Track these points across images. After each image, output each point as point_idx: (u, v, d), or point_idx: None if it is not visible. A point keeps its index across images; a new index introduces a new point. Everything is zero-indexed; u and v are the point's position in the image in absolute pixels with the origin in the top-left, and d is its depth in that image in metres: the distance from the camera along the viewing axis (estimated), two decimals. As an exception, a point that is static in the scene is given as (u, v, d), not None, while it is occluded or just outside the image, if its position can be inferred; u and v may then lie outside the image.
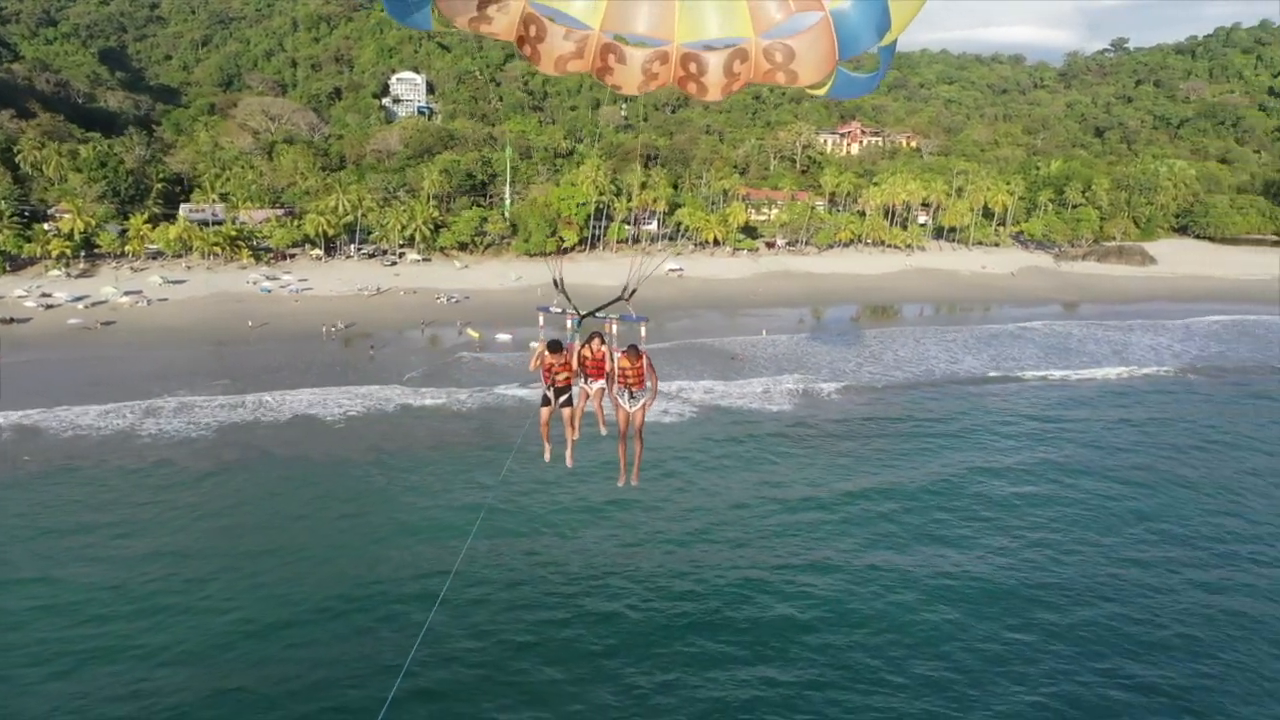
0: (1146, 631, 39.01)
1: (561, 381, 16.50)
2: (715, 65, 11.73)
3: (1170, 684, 35.35)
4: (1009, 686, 34.87)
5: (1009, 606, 40.77)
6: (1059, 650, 37.29)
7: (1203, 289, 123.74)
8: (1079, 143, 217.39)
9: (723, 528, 48.08)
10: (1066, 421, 68.40)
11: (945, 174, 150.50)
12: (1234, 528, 50.32)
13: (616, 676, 34.71)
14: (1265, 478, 58.22)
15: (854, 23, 11.48)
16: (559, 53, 11.89)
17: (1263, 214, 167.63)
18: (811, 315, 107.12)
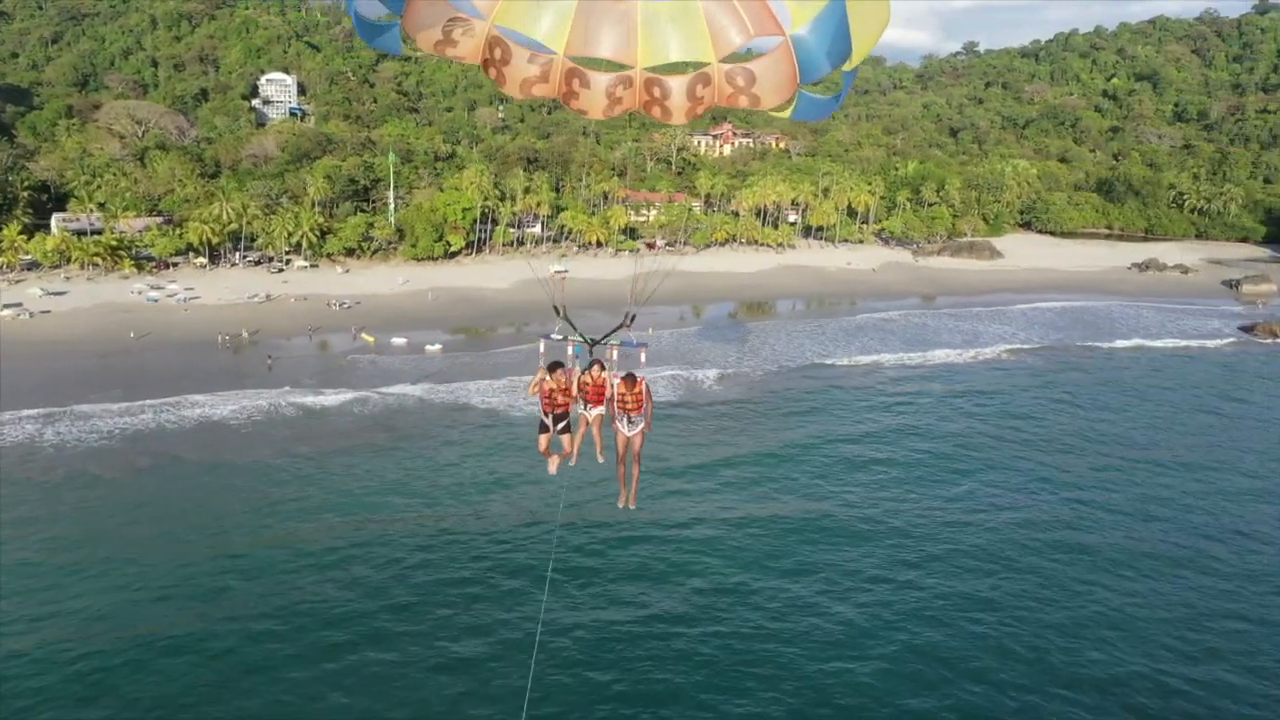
0: (953, 552, 47.75)
1: (560, 407, 16.97)
2: (678, 89, 12.02)
3: (975, 592, 43.38)
4: (834, 603, 42.17)
5: (856, 539, 49.20)
6: (889, 568, 45.04)
7: (1043, 280, 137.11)
8: (935, 142, 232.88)
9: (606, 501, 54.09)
10: (916, 397, 78.02)
11: (812, 174, 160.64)
12: (1045, 474, 60.26)
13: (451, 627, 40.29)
14: (1076, 436, 68.84)
15: (813, 48, 11.73)
16: (524, 76, 12.14)
17: (1096, 209, 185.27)
18: (692, 312, 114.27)
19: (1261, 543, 52.05)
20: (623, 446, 17.38)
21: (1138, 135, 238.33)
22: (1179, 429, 73.68)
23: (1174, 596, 45.32)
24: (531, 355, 15.90)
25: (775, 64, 11.81)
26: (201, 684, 36.02)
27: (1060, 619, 42.67)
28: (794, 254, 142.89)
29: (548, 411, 17.06)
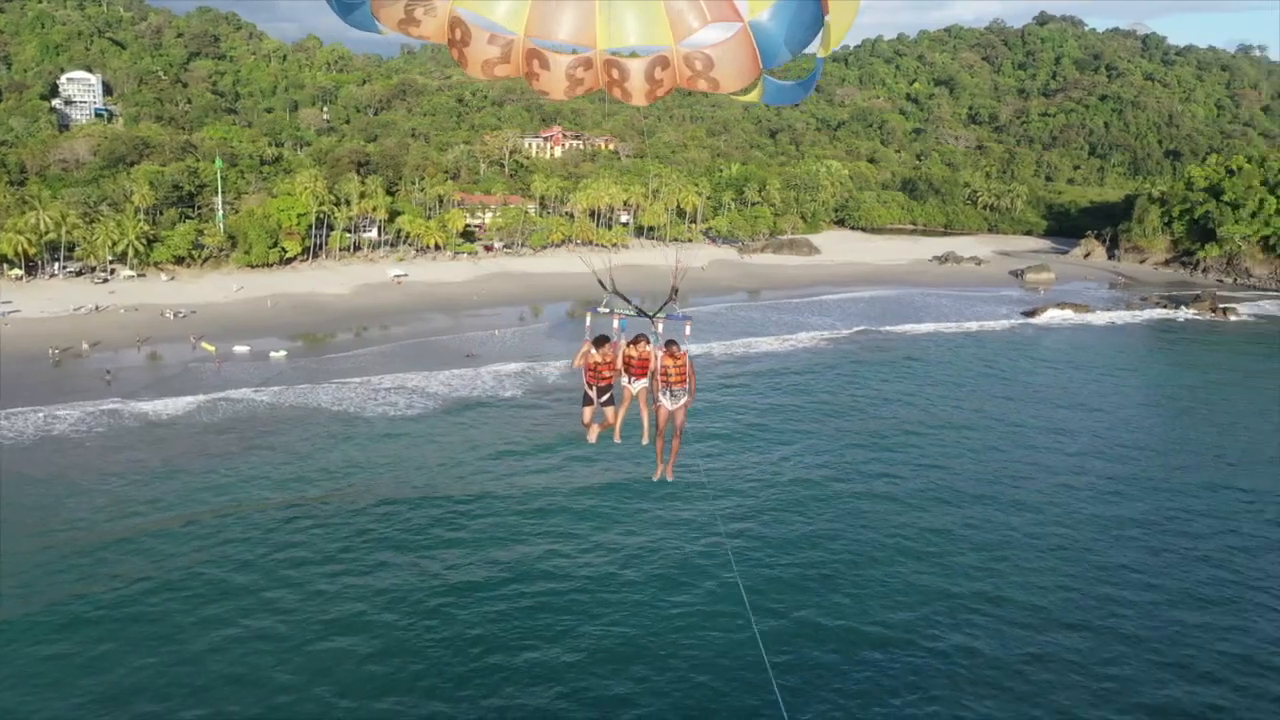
0: (764, 503, 55.29)
1: (604, 380, 17.40)
2: (637, 72, 12.20)
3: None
4: (657, 553, 48.85)
5: (683, 499, 55.84)
6: (708, 521, 52.07)
7: (856, 273, 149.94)
8: (755, 144, 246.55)
9: (468, 480, 59.12)
10: (742, 379, 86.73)
11: (642, 176, 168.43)
12: (854, 439, 69.39)
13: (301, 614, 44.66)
14: (879, 406, 78.66)
15: (773, 34, 11.83)
16: (484, 57, 12.21)
17: (902, 207, 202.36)
18: (531, 312, 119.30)
19: (1012, 479, 62.58)
20: (664, 420, 17.74)
21: (938, 137, 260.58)
22: (963, 397, 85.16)
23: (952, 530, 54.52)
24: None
25: (734, 49, 11.94)
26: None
27: (853, 545, 50.82)
28: (628, 254, 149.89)
29: (591, 384, 17.53)
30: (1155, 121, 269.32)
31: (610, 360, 17.30)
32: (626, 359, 17.34)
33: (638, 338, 17.42)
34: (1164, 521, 58.25)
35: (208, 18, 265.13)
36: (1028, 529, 56.03)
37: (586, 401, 17.60)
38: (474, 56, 12.29)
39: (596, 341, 17.27)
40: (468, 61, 12.39)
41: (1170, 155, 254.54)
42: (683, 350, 17.30)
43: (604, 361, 17.29)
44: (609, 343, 17.36)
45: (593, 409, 17.55)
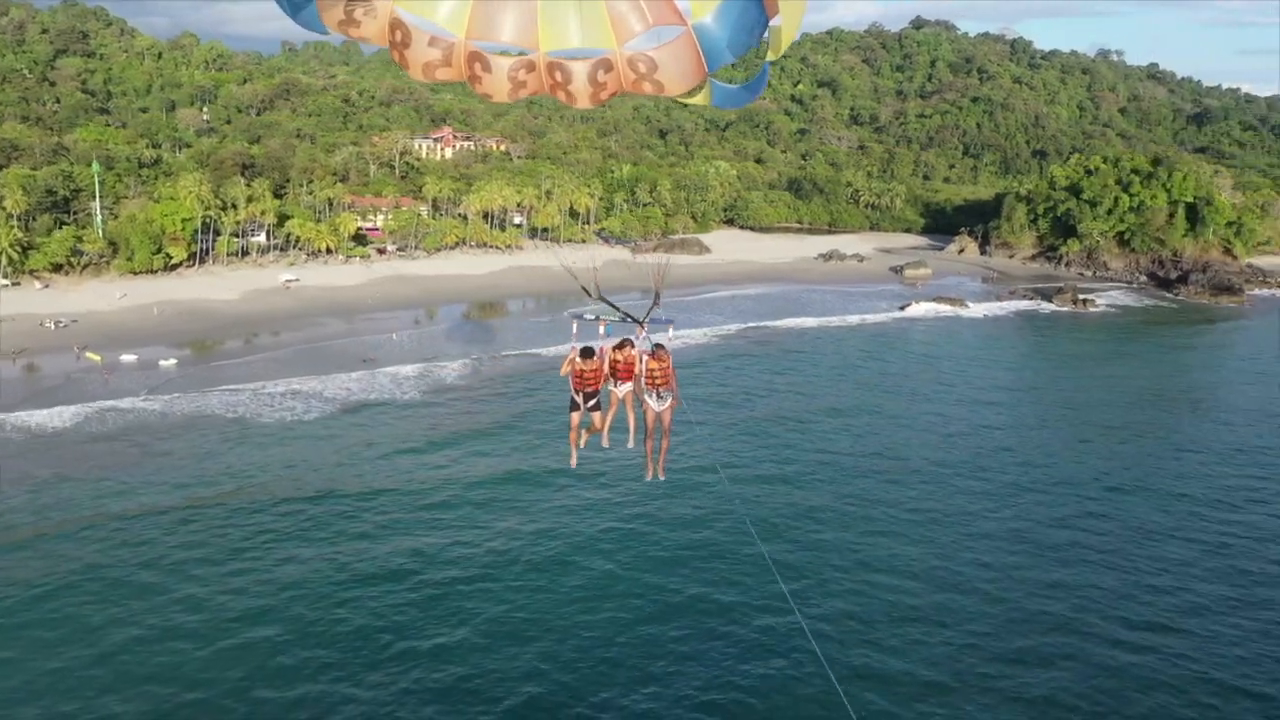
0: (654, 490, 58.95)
1: (591, 385, 17.81)
2: (580, 74, 12.18)
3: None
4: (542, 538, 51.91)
5: (566, 484, 58.77)
6: (601, 508, 55.38)
7: (745, 271, 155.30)
8: (645, 144, 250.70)
9: (368, 478, 60.94)
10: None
11: (534, 177, 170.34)
12: (745, 425, 73.40)
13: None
14: (767, 396, 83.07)
15: (716, 37, 11.88)
16: (425, 59, 12.14)
17: (788, 206, 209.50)
18: (426, 315, 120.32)
19: (891, 458, 67.81)
20: (652, 421, 18.17)
21: (821, 137, 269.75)
22: (846, 387, 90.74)
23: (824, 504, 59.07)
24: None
25: (677, 52, 11.99)
26: None
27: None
28: (522, 255, 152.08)
29: (578, 390, 17.97)
30: (1023, 122, 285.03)
31: (597, 367, 17.71)
32: (613, 363, 17.77)
33: (623, 342, 17.88)
34: (1023, 492, 64.25)
35: (74, 12, 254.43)
36: (905, 503, 61.18)
37: (574, 407, 18.10)
38: (415, 59, 12.23)
39: (583, 351, 17.72)
40: (409, 64, 12.33)
41: (1037, 155, 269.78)
42: (668, 352, 17.79)
43: (590, 369, 17.70)
44: (596, 350, 17.79)
45: (580, 414, 18.06)
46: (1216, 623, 47.25)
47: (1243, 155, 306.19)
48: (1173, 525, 59.71)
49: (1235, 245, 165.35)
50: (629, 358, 17.67)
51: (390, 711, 38.10)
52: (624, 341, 17.83)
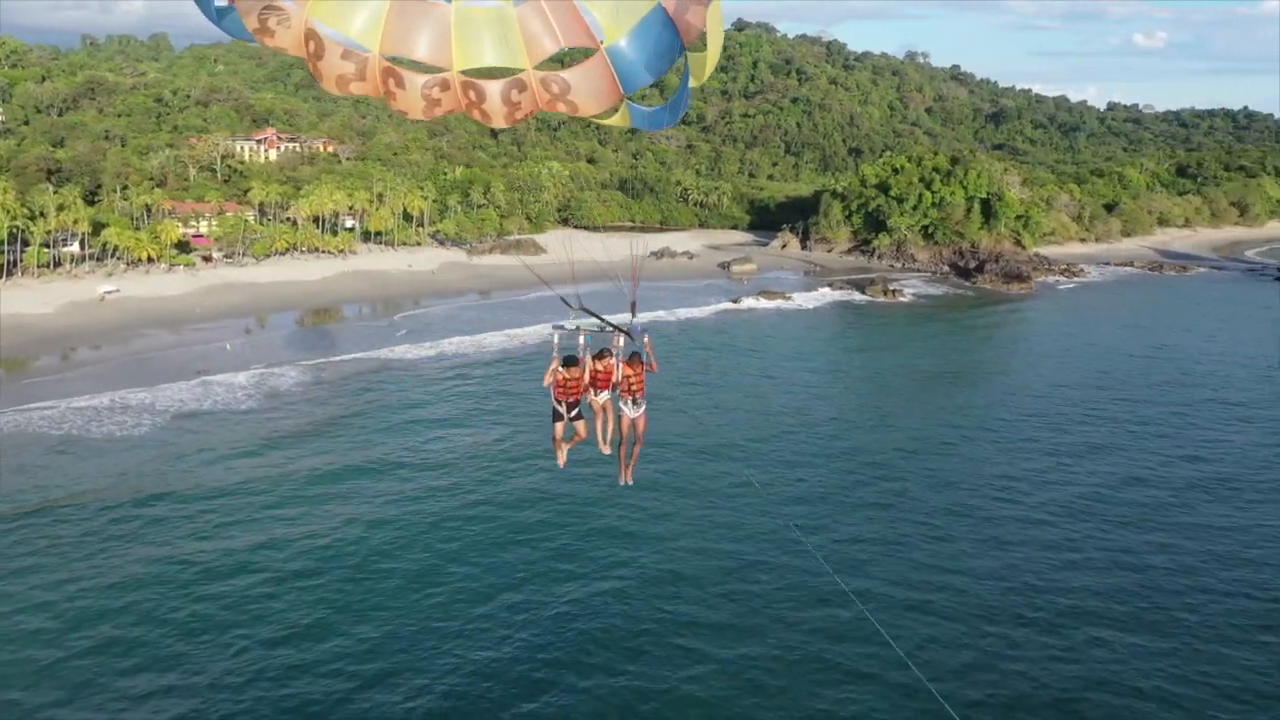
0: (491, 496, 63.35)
1: (574, 395, 18.31)
2: (493, 93, 12.15)
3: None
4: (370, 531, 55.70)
5: (399, 477, 62.38)
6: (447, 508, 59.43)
7: (581, 270, 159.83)
8: (478, 145, 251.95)
9: (205, 478, 62.72)
10: (474, 376, 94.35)
11: (365, 180, 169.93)
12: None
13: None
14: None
15: (631, 60, 11.93)
16: (339, 72, 11.97)
17: (621, 205, 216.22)
18: (258, 323, 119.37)
19: (718, 444, 74.34)
20: (626, 428, 18.87)
21: (651, 137, 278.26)
22: (676, 378, 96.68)
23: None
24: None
25: (589, 73, 12.05)
26: None
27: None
28: (356, 259, 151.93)
29: (560, 400, 18.49)
30: (839, 122, 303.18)
31: (579, 376, 18.34)
32: (593, 373, 18.39)
33: (601, 351, 18.51)
34: (832, 468, 72.01)
35: None
36: (731, 482, 67.55)
37: (556, 417, 18.66)
38: (328, 71, 12.08)
39: (566, 360, 18.28)
40: (322, 76, 12.18)
41: (853, 153, 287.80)
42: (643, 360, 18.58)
43: (574, 379, 18.32)
44: (578, 361, 18.39)
45: (563, 424, 18.64)
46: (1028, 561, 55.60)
47: (1034, 152, 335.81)
48: (950, 479, 68.75)
49: (1024, 236, 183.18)
50: (608, 366, 18.33)
51: (233, 699, 40.97)
52: (603, 350, 18.46)
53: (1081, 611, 50.60)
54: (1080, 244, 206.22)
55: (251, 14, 11.72)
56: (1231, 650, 47.11)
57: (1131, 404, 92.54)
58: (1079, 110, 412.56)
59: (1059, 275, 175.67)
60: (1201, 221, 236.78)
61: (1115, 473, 72.54)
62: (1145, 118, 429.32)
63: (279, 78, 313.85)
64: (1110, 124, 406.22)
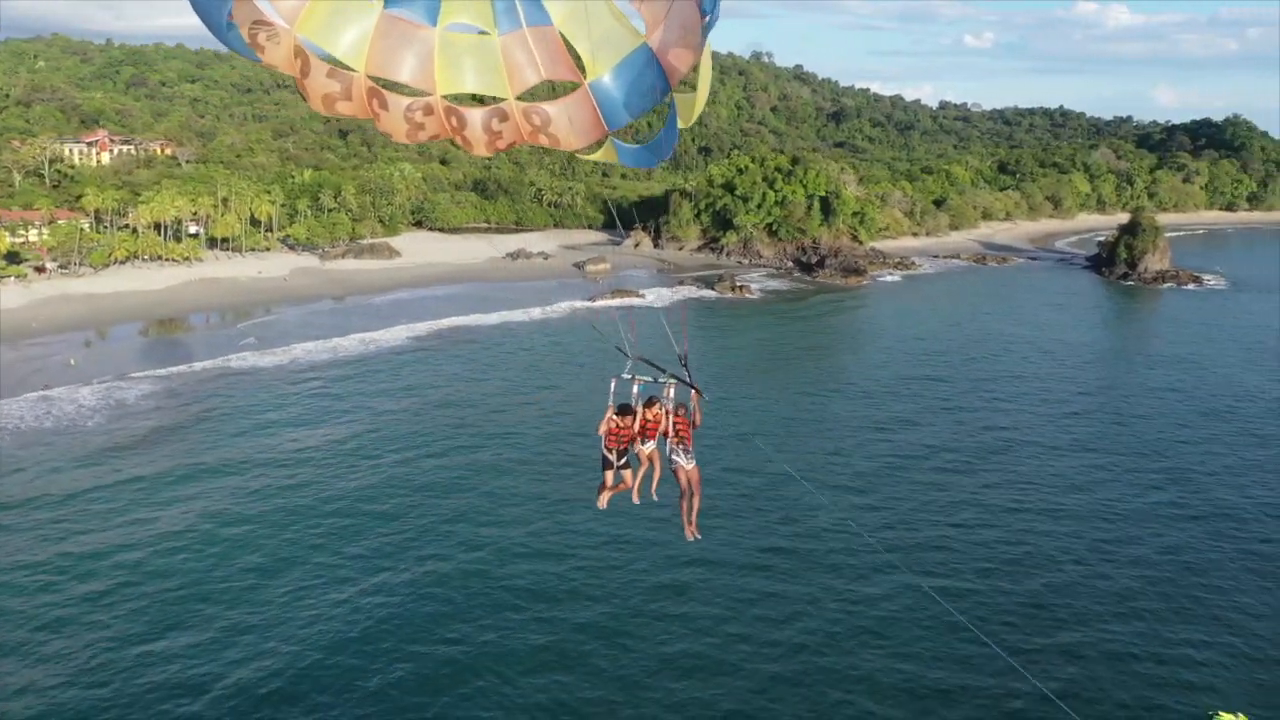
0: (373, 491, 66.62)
1: (624, 444, 18.53)
2: (474, 121, 12.18)
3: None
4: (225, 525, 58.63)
5: (291, 521, 65.02)
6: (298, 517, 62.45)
7: (437, 273, 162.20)
8: (326, 145, 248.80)
9: (50, 488, 63.55)
10: (329, 380, 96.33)
11: (209, 184, 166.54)
12: (443, 422, 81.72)
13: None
14: (462, 390, 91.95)
15: (614, 97, 11.98)
16: (325, 91, 11.99)
17: (475, 206, 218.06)
18: (99, 335, 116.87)
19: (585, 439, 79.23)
20: (685, 482, 18.67)
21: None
22: (533, 378, 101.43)
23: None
24: None
25: (570, 107, 12.05)
26: None
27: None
28: (203, 267, 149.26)
29: (611, 448, 18.76)
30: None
31: (630, 425, 18.63)
32: (642, 422, 18.60)
33: (650, 399, 18.69)
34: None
35: None
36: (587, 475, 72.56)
37: (606, 465, 18.96)
38: (314, 90, 12.10)
39: (620, 408, 18.70)
40: (308, 94, 12.21)
41: (703, 151, 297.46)
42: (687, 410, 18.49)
43: (625, 427, 18.63)
44: (632, 410, 18.70)
45: (613, 472, 18.87)
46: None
47: (872, 150, 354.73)
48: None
49: (860, 232, 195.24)
50: (656, 415, 18.43)
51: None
52: (651, 399, 18.62)
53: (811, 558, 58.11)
54: (913, 238, 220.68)
55: (244, 26, 11.79)
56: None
57: (949, 381, 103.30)
58: (913, 109, 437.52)
59: (893, 269, 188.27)
60: (1020, 215, 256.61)
61: (923, 441, 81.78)
62: (974, 116, 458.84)
63: (107, 74, 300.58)
64: (942, 122, 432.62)
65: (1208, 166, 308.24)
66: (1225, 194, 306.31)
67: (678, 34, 12.04)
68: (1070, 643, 51.39)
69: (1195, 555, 62.69)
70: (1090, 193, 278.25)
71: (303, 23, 11.69)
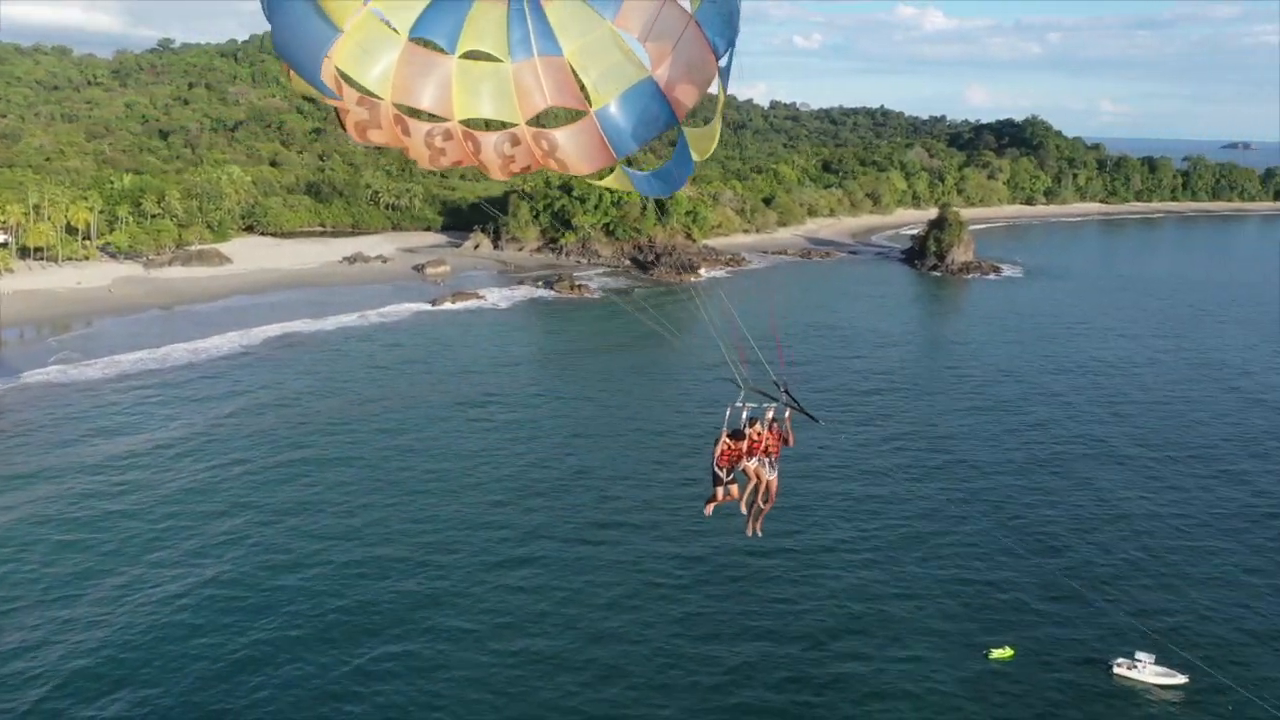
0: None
1: (735, 462, 20.98)
2: (488, 146, 12.79)
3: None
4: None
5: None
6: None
7: (271, 279, 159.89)
8: (145, 147, 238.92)
9: None
10: (158, 390, 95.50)
11: (17, 190, 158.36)
12: (274, 429, 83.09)
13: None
14: (297, 397, 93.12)
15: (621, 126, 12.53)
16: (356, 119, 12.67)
17: (310, 210, 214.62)
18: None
19: (433, 438, 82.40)
20: (764, 488, 21.49)
21: (337, 138, 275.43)
22: (377, 380, 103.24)
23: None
24: None
25: (577, 134, 12.54)
26: None
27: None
28: (15, 279, 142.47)
29: (723, 466, 21.18)
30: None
31: (740, 446, 21.14)
32: (749, 443, 21.13)
33: (753, 422, 21.19)
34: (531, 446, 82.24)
35: None
36: (439, 472, 75.82)
37: (717, 481, 21.35)
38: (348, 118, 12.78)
39: (733, 433, 21.13)
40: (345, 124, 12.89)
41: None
42: (777, 428, 21.36)
43: (736, 448, 21.15)
44: (743, 434, 21.15)
45: (722, 488, 21.38)
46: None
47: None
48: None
49: (693, 230, 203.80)
50: (759, 436, 21.12)
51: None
52: (753, 421, 21.19)
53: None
54: (744, 235, 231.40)
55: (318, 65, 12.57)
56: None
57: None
58: (746, 108, 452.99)
59: (724, 265, 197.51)
60: (843, 211, 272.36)
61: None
62: (803, 115, 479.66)
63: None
64: (773, 121, 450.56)
65: (1010, 164, 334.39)
66: (1025, 189, 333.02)
67: (683, 71, 12.98)
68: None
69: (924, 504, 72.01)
70: (906, 189, 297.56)
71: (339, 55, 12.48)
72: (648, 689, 49.90)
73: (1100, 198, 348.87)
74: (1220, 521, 72.89)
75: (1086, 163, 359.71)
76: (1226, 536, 70.36)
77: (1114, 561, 65.92)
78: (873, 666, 52.43)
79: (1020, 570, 63.83)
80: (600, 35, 12.75)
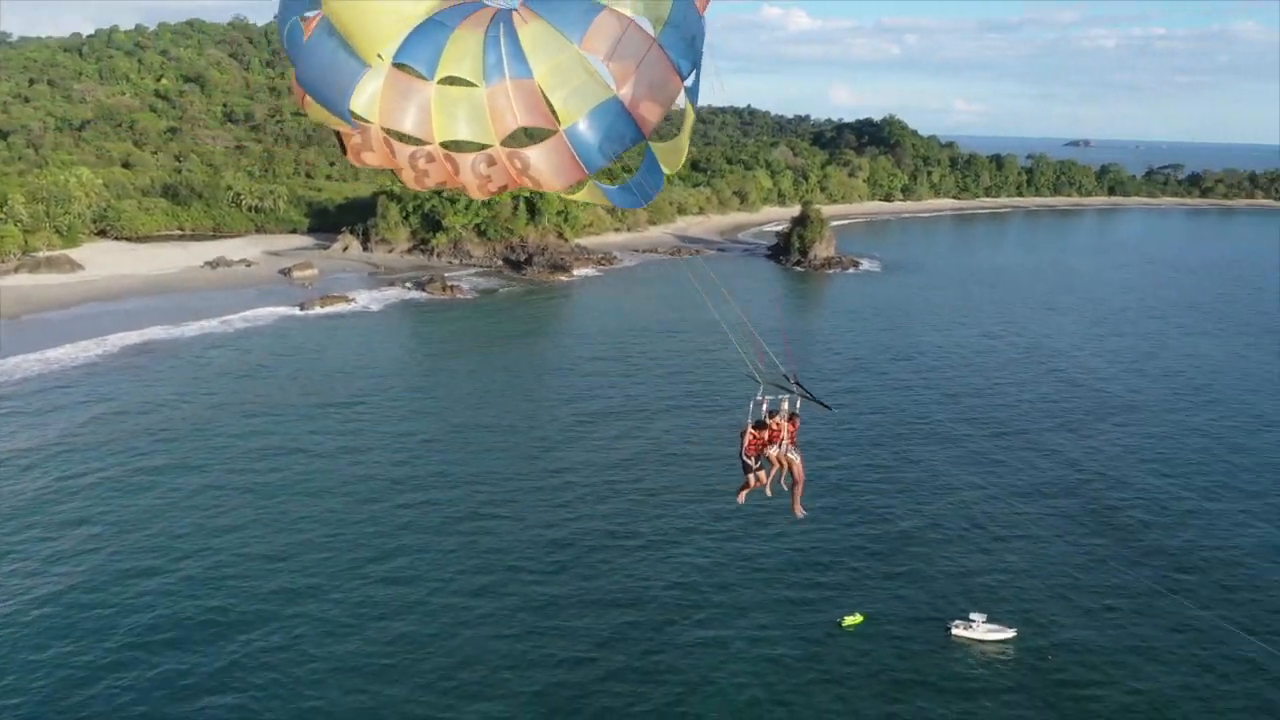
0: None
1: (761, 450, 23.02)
2: (466, 166, 13.20)
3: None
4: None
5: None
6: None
7: (127, 286, 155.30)
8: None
9: None
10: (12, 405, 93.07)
11: None
12: (137, 441, 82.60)
13: None
14: (161, 406, 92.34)
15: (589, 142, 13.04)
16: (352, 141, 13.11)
17: (167, 213, 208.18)
18: None
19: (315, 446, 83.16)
20: (789, 468, 23.65)
21: (194, 137, 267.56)
22: (242, 387, 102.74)
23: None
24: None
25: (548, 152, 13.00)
26: None
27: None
28: None
29: (751, 455, 23.33)
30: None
31: (763, 435, 23.28)
32: (771, 432, 23.27)
33: (773, 413, 23.35)
34: (433, 447, 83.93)
35: None
36: (327, 476, 76.78)
37: (746, 469, 23.57)
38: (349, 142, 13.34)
39: (757, 424, 23.26)
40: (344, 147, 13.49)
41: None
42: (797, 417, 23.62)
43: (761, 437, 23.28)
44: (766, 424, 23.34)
45: (752, 474, 23.47)
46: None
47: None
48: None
49: (565, 230, 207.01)
50: (779, 425, 23.28)
51: None
52: (773, 412, 23.35)
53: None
54: (615, 233, 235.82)
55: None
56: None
57: (653, 359, 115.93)
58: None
59: (596, 264, 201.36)
60: (712, 209, 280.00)
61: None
62: (673, 114, 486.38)
63: None
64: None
65: (869, 162, 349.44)
66: (884, 186, 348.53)
67: (646, 90, 13.98)
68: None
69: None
70: (772, 187, 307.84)
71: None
72: (518, 665, 53.11)
73: (953, 194, 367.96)
74: (1036, 491, 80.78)
75: (940, 160, 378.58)
76: (1041, 504, 78.11)
77: (945, 532, 72.51)
78: (729, 632, 56.89)
79: (865, 543, 69.65)
80: (568, 57, 13.84)
